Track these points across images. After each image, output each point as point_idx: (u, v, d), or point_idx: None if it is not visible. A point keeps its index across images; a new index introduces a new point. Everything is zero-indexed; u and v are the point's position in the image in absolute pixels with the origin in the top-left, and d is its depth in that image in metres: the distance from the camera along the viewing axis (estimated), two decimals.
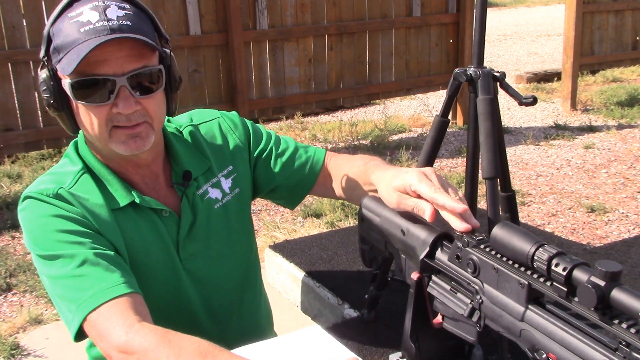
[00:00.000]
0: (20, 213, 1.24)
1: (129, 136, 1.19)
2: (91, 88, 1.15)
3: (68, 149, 1.32)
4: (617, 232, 4.02)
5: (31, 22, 4.53)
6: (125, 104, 1.15)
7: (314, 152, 1.48)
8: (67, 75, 1.14)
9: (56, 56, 1.17)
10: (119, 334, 1.07)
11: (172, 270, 1.31)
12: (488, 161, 1.72)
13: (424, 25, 6.28)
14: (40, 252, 1.18)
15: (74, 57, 1.11)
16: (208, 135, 1.42)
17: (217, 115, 1.46)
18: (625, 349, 0.76)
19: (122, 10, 1.16)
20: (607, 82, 8.45)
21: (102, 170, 1.26)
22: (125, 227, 1.25)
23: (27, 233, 1.22)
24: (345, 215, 4.25)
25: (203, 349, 1.03)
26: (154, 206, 1.28)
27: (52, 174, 1.27)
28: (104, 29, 1.12)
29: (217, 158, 1.40)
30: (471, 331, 1.03)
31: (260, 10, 5.38)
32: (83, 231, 1.18)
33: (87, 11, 1.14)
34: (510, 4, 21.38)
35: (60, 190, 1.21)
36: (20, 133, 4.63)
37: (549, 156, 5.61)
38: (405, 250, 1.17)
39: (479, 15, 1.82)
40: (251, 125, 1.48)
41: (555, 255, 0.86)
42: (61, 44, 1.15)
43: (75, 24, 1.14)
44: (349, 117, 7.01)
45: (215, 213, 1.37)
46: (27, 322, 3.09)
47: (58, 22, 1.17)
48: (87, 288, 1.12)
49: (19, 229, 4.09)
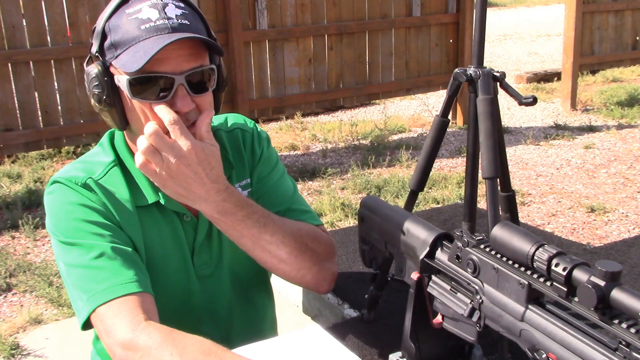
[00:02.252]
0: (47, 196, 1.24)
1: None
2: (150, 85, 1.15)
3: (103, 138, 1.32)
4: (617, 232, 4.02)
5: (31, 22, 4.53)
6: (183, 102, 1.16)
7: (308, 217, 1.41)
8: (128, 72, 1.13)
9: (112, 52, 1.16)
10: (125, 330, 1.08)
11: (185, 274, 1.31)
12: (488, 161, 1.72)
13: (423, 25, 6.28)
14: (60, 238, 1.19)
15: (139, 54, 1.11)
16: (237, 143, 1.40)
17: (252, 126, 1.44)
18: (625, 349, 0.76)
19: (179, 9, 1.17)
20: (607, 82, 8.45)
21: (133, 166, 1.26)
22: (147, 226, 1.25)
23: (51, 217, 1.22)
24: (345, 215, 4.25)
25: (206, 348, 1.03)
26: (177, 209, 1.28)
27: (83, 162, 1.28)
28: (165, 27, 1.13)
29: (238, 167, 1.39)
30: (471, 331, 1.03)
31: (260, 10, 5.38)
32: (104, 223, 1.19)
33: (147, 8, 1.14)
34: (510, 4, 21.38)
35: (88, 180, 1.22)
36: (20, 133, 4.63)
37: (549, 156, 5.61)
38: (405, 250, 1.17)
39: (479, 15, 1.82)
40: (275, 153, 1.46)
41: (555, 255, 0.86)
42: (120, 40, 1.15)
43: (135, 21, 1.14)
44: (349, 117, 7.01)
45: None
46: (27, 322, 3.09)
47: (114, 17, 1.16)
48: (100, 281, 1.13)
49: (19, 229, 4.09)
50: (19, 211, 4.34)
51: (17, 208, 4.40)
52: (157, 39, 1.12)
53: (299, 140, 6.13)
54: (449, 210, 2.53)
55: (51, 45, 4.62)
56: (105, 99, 1.18)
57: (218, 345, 1.05)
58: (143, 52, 1.11)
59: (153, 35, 1.12)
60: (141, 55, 1.11)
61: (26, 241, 4.01)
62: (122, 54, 1.14)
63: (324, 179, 5.07)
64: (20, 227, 4.09)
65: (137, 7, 1.15)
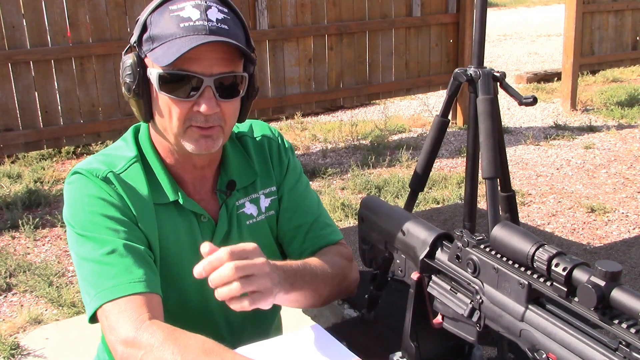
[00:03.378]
0: (67, 186, 1.25)
1: (202, 136, 1.20)
2: (178, 82, 1.17)
3: (127, 133, 1.33)
4: (617, 232, 4.02)
5: (31, 22, 4.53)
6: (208, 104, 1.17)
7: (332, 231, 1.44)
8: (159, 65, 1.15)
9: (149, 44, 1.18)
10: (129, 329, 1.09)
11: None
12: (488, 161, 1.72)
13: (423, 25, 6.28)
14: (75, 229, 1.20)
15: (172, 51, 1.14)
16: (262, 150, 1.41)
17: (277, 135, 1.46)
18: (625, 349, 0.76)
19: (221, 14, 1.19)
20: (607, 82, 8.45)
21: (156, 163, 1.27)
22: (164, 224, 1.26)
23: (68, 207, 1.23)
24: (345, 216, 4.25)
25: (208, 347, 1.04)
26: (195, 210, 1.29)
27: (105, 155, 1.28)
28: (203, 29, 1.15)
29: (263, 175, 1.39)
30: (471, 331, 1.03)
31: (260, 10, 5.38)
32: (120, 219, 1.20)
33: (189, 8, 1.17)
34: (510, 4, 21.37)
35: (109, 174, 1.23)
36: (20, 133, 4.63)
37: (549, 156, 5.61)
38: (405, 250, 1.17)
39: (479, 15, 1.83)
40: (299, 163, 1.47)
41: (555, 255, 0.86)
42: (157, 34, 1.17)
43: (175, 18, 1.16)
44: (349, 117, 7.01)
45: (246, 229, 1.36)
46: (27, 322, 3.09)
47: (157, 12, 1.19)
48: (109, 277, 1.14)
49: (19, 229, 4.09)
50: (19, 211, 4.34)
51: (17, 208, 4.40)
52: (192, 38, 1.14)
53: (299, 140, 6.13)
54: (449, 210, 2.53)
55: (51, 45, 4.62)
56: (134, 89, 1.20)
57: (219, 345, 1.05)
58: (176, 49, 1.13)
59: (190, 34, 1.15)
60: (173, 51, 1.13)
61: (26, 241, 4.01)
62: (157, 48, 1.17)
63: (324, 179, 5.07)
64: (20, 227, 4.09)
65: (180, 4, 1.18)
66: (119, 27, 4.83)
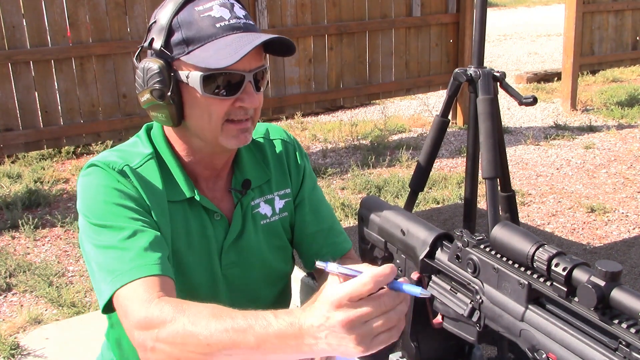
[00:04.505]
0: (83, 178, 1.24)
1: (240, 130, 1.23)
2: (221, 82, 1.18)
3: (140, 132, 1.33)
4: (617, 232, 4.02)
5: (31, 22, 4.53)
6: (251, 99, 1.20)
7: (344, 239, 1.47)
8: (211, 67, 1.15)
9: (182, 48, 1.18)
10: (140, 309, 1.08)
11: (210, 273, 1.31)
12: (488, 161, 1.72)
13: (424, 25, 6.28)
14: (91, 220, 1.20)
15: (226, 52, 1.14)
16: (277, 152, 1.42)
17: (292, 139, 1.47)
18: (625, 349, 0.76)
19: (242, 10, 1.22)
20: (607, 82, 8.45)
21: (171, 160, 1.28)
22: (176, 221, 1.26)
23: (84, 198, 1.22)
24: (345, 215, 4.25)
25: (217, 312, 1.03)
26: (209, 207, 1.30)
27: (121, 151, 1.29)
28: (238, 27, 1.18)
29: (278, 176, 1.41)
30: (471, 331, 1.03)
31: (260, 10, 5.38)
32: (138, 209, 1.20)
33: (217, 7, 1.18)
34: (510, 4, 21.37)
35: (125, 167, 1.23)
36: (20, 133, 4.63)
37: (549, 156, 5.61)
38: (405, 250, 1.17)
39: (479, 15, 1.83)
40: (310, 175, 1.48)
41: (555, 255, 0.86)
42: (194, 36, 1.17)
43: (208, 19, 1.17)
44: (349, 117, 7.01)
45: (261, 229, 1.37)
46: (27, 322, 3.09)
47: (183, 13, 1.18)
48: (126, 261, 1.14)
49: (19, 229, 4.09)
50: (19, 211, 4.34)
51: (17, 208, 4.40)
52: (237, 37, 1.16)
53: (299, 140, 6.12)
54: (449, 210, 2.52)
55: (51, 45, 4.62)
56: (169, 95, 1.19)
57: (227, 308, 1.05)
58: (231, 50, 1.14)
59: (229, 33, 1.17)
60: (229, 52, 1.14)
61: (26, 241, 4.01)
62: (197, 50, 1.17)
63: (324, 179, 5.07)
64: (20, 227, 4.09)
65: (207, 4, 1.18)
66: (119, 27, 4.83)
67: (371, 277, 0.85)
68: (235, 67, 1.16)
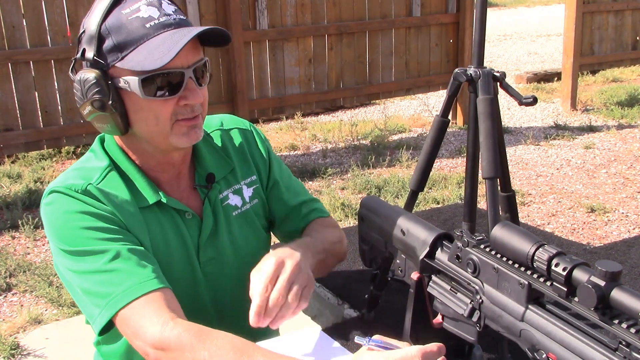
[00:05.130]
0: (46, 207, 1.21)
1: (190, 127, 1.20)
2: (161, 82, 1.15)
3: (93, 144, 1.31)
4: (617, 232, 4.02)
5: (31, 22, 4.53)
6: (194, 95, 1.17)
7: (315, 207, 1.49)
8: (145, 70, 1.12)
9: (116, 54, 1.14)
10: (154, 331, 1.07)
11: (190, 272, 1.31)
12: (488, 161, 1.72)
13: (423, 25, 6.28)
14: (66, 248, 1.17)
15: (159, 52, 1.11)
16: (237, 142, 1.42)
17: (248, 126, 1.46)
18: (625, 349, 0.76)
19: (171, 5, 1.19)
20: (607, 82, 8.45)
21: (130, 168, 1.26)
22: (151, 226, 1.25)
23: (53, 228, 1.20)
24: (345, 215, 4.25)
25: (238, 348, 1.03)
26: (179, 207, 1.28)
27: (78, 170, 1.26)
28: (169, 24, 1.15)
29: (241, 165, 1.40)
30: (471, 331, 1.03)
31: (260, 10, 5.38)
32: (112, 228, 1.18)
33: (144, 7, 1.15)
34: (510, 4, 21.37)
35: (89, 187, 1.20)
36: (20, 133, 4.63)
37: (549, 156, 5.61)
38: (405, 250, 1.17)
39: (479, 15, 1.82)
40: (274, 156, 1.49)
41: (555, 255, 0.86)
42: (125, 41, 1.14)
43: (137, 20, 1.14)
44: (349, 117, 7.01)
45: (234, 220, 1.37)
46: (27, 322, 3.09)
47: (110, 19, 1.15)
48: (118, 283, 1.12)
49: (19, 229, 4.09)
50: (19, 211, 4.34)
51: (17, 208, 4.40)
52: (169, 34, 1.13)
53: (299, 140, 6.13)
54: (449, 210, 2.52)
55: (51, 45, 4.62)
56: (110, 104, 1.16)
57: (248, 342, 1.05)
58: (164, 49, 1.11)
59: (161, 31, 1.13)
60: (162, 51, 1.11)
61: (26, 241, 4.01)
62: (130, 54, 1.13)
63: (324, 179, 5.07)
64: (20, 227, 4.09)
65: (134, 6, 1.15)
66: None
67: (418, 350, 0.92)
68: (172, 65, 1.13)
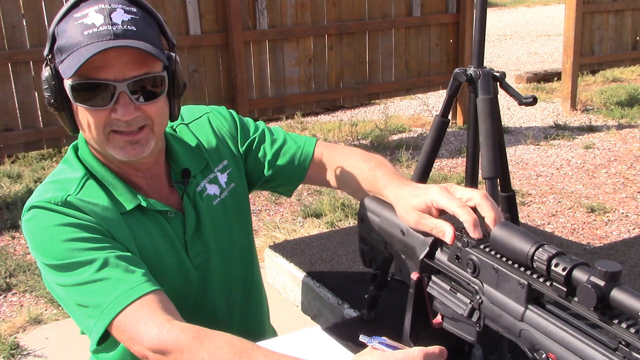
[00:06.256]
0: (26, 224, 1.20)
1: (127, 142, 1.18)
2: (91, 91, 1.14)
3: (67, 154, 1.30)
4: (617, 232, 4.02)
5: (31, 22, 4.53)
6: (124, 110, 1.14)
7: (304, 143, 1.48)
8: (66, 77, 1.14)
9: (59, 56, 1.16)
10: (151, 335, 1.06)
11: (182, 269, 1.31)
12: (488, 161, 1.72)
13: (423, 25, 6.28)
14: (52, 262, 1.16)
15: (74, 61, 1.11)
16: (201, 131, 1.42)
17: (206, 110, 1.46)
18: (625, 349, 0.76)
19: (128, 15, 1.15)
20: (607, 82, 8.45)
21: (106, 174, 1.25)
22: (135, 230, 1.24)
23: (36, 244, 1.18)
24: (345, 215, 4.25)
25: (237, 348, 1.02)
26: (160, 208, 1.28)
27: (53, 183, 1.24)
28: (107, 34, 1.11)
29: (212, 153, 1.40)
30: (471, 331, 1.03)
31: (260, 10, 5.38)
32: (97, 237, 1.16)
33: (93, 13, 1.13)
34: (510, 4, 21.37)
35: (69, 198, 1.19)
36: (20, 133, 4.63)
37: (549, 156, 5.61)
38: (405, 250, 1.17)
39: (479, 15, 1.83)
40: (238, 118, 1.48)
41: (555, 255, 0.86)
42: (64, 45, 1.15)
43: (80, 26, 1.13)
44: (349, 117, 7.01)
45: (215, 209, 1.37)
46: (27, 322, 3.09)
47: (63, 22, 1.16)
48: (110, 291, 1.11)
49: (19, 229, 4.09)
50: (19, 211, 4.34)
51: (17, 208, 4.40)
52: (96, 45, 1.11)
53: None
54: None
55: None
56: (52, 103, 1.18)
57: (246, 342, 1.04)
58: (77, 59, 1.10)
59: (94, 41, 1.11)
60: (75, 61, 1.11)
61: (26, 241, 4.01)
62: (65, 59, 1.14)
63: None
64: (20, 227, 4.09)
65: (84, 12, 1.14)
66: None
67: (420, 351, 0.92)
68: (104, 77, 1.12)
